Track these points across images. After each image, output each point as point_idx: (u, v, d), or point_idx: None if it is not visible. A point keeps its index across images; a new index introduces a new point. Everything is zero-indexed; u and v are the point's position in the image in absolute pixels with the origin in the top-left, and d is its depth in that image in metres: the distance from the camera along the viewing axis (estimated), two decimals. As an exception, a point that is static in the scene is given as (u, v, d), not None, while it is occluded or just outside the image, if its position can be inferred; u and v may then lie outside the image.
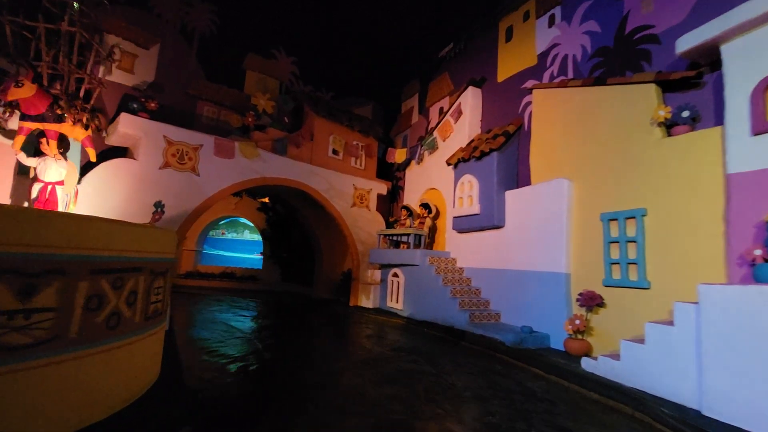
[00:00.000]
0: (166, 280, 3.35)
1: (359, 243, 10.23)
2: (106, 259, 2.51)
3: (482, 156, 7.68)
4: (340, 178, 10.10)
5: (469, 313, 6.86)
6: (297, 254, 13.49)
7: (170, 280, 3.60)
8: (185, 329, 6.15)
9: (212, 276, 14.02)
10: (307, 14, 10.94)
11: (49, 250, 2.18)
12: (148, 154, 6.94)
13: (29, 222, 2.12)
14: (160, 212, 6.81)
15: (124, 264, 2.65)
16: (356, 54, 11.99)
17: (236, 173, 8.07)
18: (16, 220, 2.06)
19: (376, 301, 9.80)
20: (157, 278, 3.10)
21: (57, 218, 2.28)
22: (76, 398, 2.34)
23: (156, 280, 3.09)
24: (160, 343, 3.45)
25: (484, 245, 7.78)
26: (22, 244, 2.06)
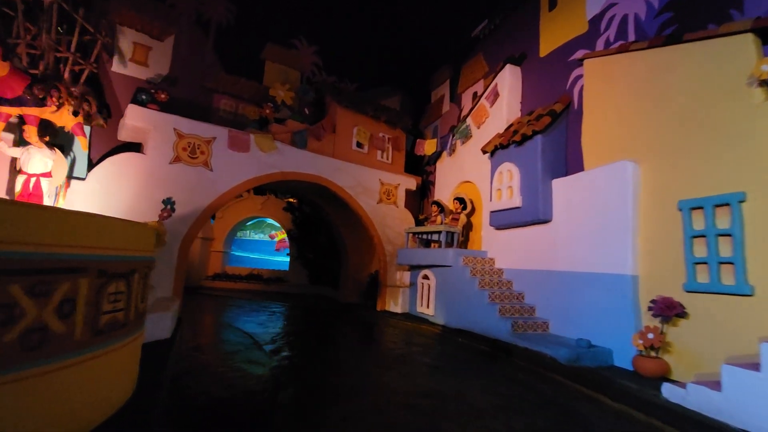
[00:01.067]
0: (132, 284, 2.70)
1: (386, 242, 9.45)
2: (16, 256, 1.86)
3: (524, 140, 6.67)
4: (365, 173, 9.37)
5: (511, 322, 5.89)
6: (324, 255, 12.91)
7: (143, 284, 2.97)
8: (194, 337, 5.60)
9: (239, 278, 13.74)
10: (329, 0, 10.33)
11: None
12: (157, 148, 6.52)
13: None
14: (170, 209, 6.35)
15: (49, 263, 2.00)
16: (382, 41, 11.25)
17: (252, 168, 7.53)
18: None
19: (405, 305, 8.97)
20: (111, 282, 2.45)
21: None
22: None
23: (110, 285, 2.44)
24: (128, 360, 2.81)
25: (527, 243, 6.77)
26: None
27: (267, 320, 7.56)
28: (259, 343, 5.43)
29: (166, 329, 4.90)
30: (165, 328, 4.88)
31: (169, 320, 4.93)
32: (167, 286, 6.40)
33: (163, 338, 4.84)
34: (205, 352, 4.91)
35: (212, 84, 8.48)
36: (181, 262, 6.58)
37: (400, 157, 10.43)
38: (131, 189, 6.19)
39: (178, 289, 6.54)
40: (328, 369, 4.45)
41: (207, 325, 6.73)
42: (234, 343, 5.45)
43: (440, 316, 7.69)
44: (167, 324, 4.91)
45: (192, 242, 6.75)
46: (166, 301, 5.85)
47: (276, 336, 6.04)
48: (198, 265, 13.61)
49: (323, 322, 7.89)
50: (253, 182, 7.52)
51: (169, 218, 6.34)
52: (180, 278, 6.57)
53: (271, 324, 7.09)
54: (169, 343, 4.65)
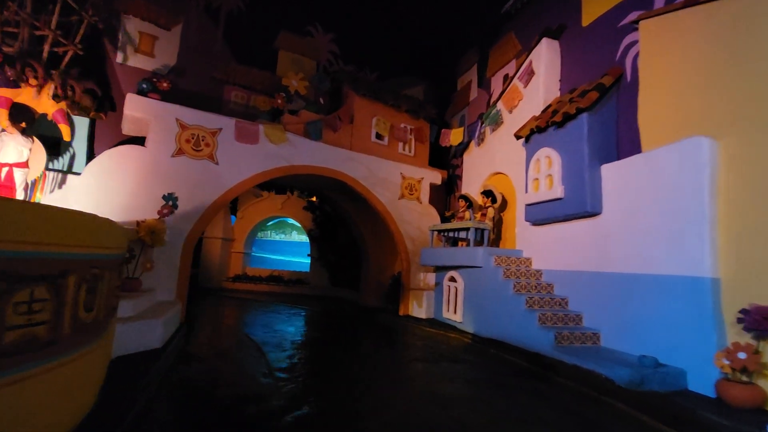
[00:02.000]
0: (64, 290, 2.09)
1: (409, 241, 8.69)
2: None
3: (566, 121, 5.75)
4: (385, 166, 8.65)
5: (554, 333, 4.99)
6: (344, 256, 12.29)
7: (95, 288, 2.37)
8: (193, 346, 5.05)
9: (260, 279, 13.36)
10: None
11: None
12: (158, 140, 6.06)
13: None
14: (170, 206, 5.86)
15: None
16: (403, 27, 10.51)
17: (261, 161, 6.97)
18: None
19: (429, 310, 8.17)
20: (25, 287, 1.84)
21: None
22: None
23: (22, 291, 1.83)
24: (64, 386, 2.21)
25: (571, 240, 5.83)
26: None
27: (281, 326, 6.98)
28: (266, 355, 4.81)
29: (157, 338, 4.36)
30: (155, 337, 4.34)
31: (159, 328, 4.39)
32: (169, 288, 5.91)
33: (153, 348, 4.31)
34: (198, 365, 4.32)
35: (222, 75, 8.02)
36: (185, 263, 6.09)
37: (424, 150, 9.64)
38: (130, 184, 5.75)
39: (181, 292, 6.05)
40: (343, 390, 3.75)
41: (214, 331, 6.20)
42: (236, 356, 4.85)
43: (469, 323, 6.84)
44: (157, 332, 4.36)
45: (196, 241, 6.26)
46: (163, 305, 5.35)
47: (287, 345, 5.41)
48: (218, 266, 13.34)
49: (341, 329, 7.24)
50: (262, 176, 6.96)
51: (170, 215, 5.85)
52: (183, 280, 6.08)
53: (284, 331, 6.50)
54: (157, 355, 4.09)
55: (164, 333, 4.53)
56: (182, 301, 6.07)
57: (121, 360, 3.88)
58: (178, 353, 4.52)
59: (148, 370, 3.60)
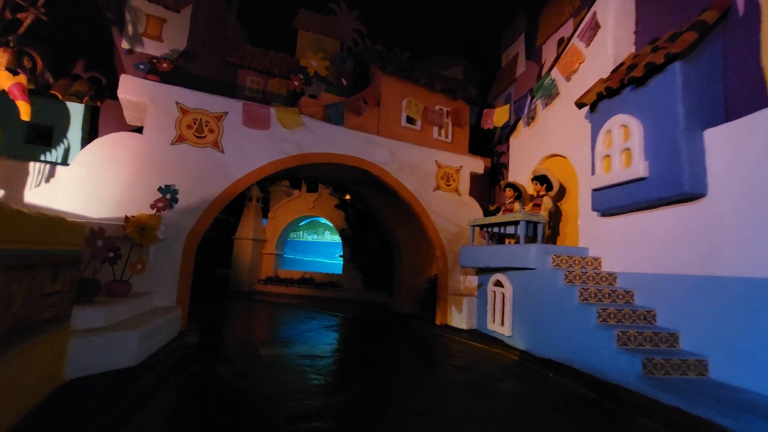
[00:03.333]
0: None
1: (446, 239, 7.52)
2: None
3: (649, 75, 4.36)
4: (416, 153, 7.56)
5: (641, 359, 3.66)
6: (377, 257, 11.30)
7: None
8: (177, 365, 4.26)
9: (291, 282, 12.73)
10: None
11: None
12: (156, 126, 5.41)
13: None
14: (167, 199, 5.17)
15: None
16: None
17: (273, 148, 6.15)
18: None
19: (471, 319, 6.95)
20: None
21: None
22: None
23: None
24: None
25: (658, 232, 4.41)
26: None
27: (303, 336, 6.15)
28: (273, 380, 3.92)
29: (129, 355, 3.59)
30: (126, 354, 3.57)
31: (132, 342, 3.62)
32: (169, 292, 5.23)
33: (125, 367, 3.54)
34: (173, 397, 3.48)
35: (236, 59, 7.35)
36: (187, 264, 5.39)
37: (463, 135, 8.43)
38: (124, 175, 5.14)
39: (183, 297, 5.34)
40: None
41: (220, 345, 5.44)
42: (232, 384, 3.99)
43: (520, 337, 5.57)
44: (129, 348, 3.59)
45: (199, 239, 5.54)
46: (154, 312, 4.63)
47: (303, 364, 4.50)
48: (249, 268, 12.89)
49: (370, 340, 6.28)
50: (274, 166, 6.14)
51: (166, 209, 5.17)
52: (185, 283, 5.37)
53: (305, 342, 5.65)
54: (122, 378, 3.30)
55: (141, 348, 3.76)
56: (184, 307, 5.36)
57: (75, 384, 3.13)
58: (158, 376, 3.72)
59: (84, 401, 2.79)
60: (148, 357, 3.91)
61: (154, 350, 4.15)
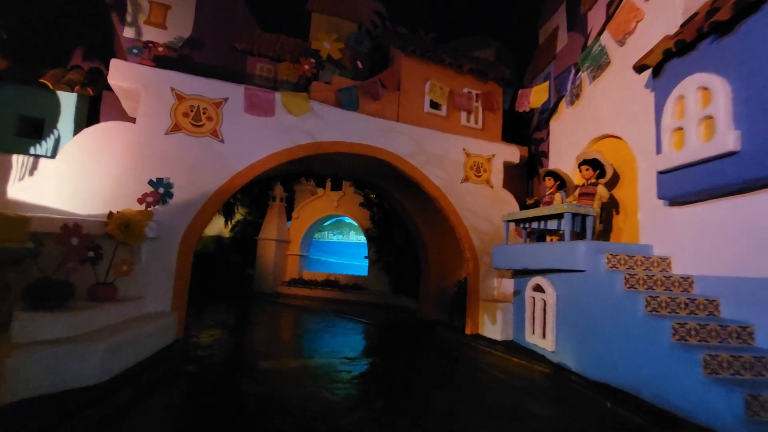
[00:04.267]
0: None
1: (476, 237, 6.63)
2: None
3: (738, 18, 3.33)
4: (442, 141, 6.74)
5: (742, 394, 2.67)
6: (404, 258, 10.54)
7: None
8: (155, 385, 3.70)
9: (315, 284, 12.23)
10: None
11: None
12: (150, 115, 4.95)
13: None
14: (158, 193, 4.68)
15: None
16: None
17: (278, 137, 5.56)
18: None
19: (506, 329, 6.02)
20: None
21: None
22: None
23: None
24: None
25: (754, 224, 3.36)
26: None
27: (317, 347, 5.56)
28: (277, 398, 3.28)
29: (90, 372, 3.05)
30: (87, 371, 3.04)
31: (94, 357, 3.08)
32: (162, 296, 4.74)
33: (86, 386, 3.01)
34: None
35: (245, 45, 6.86)
36: (184, 264, 4.88)
37: (495, 120, 7.51)
38: (115, 168, 4.70)
39: (179, 301, 4.84)
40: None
41: (216, 353, 4.89)
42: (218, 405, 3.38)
43: (566, 354, 4.62)
44: (91, 363, 3.06)
45: (197, 237, 5.03)
46: (139, 320, 4.12)
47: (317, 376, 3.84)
48: (273, 270, 12.52)
49: (393, 351, 5.64)
50: (280, 157, 5.54)
51: (158, 204, 4.68)
52: (182, 286, 4.87)
53: (321, 354, 5.05)
54: (76, 400, 2.76)
55: (109, 363, 3.22)
56: (180, 312, 4.85)
57: (15, 408, 2.61)
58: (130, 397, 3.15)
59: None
60: (119, 373, 3.37)
61: (131, 363, 3.62)
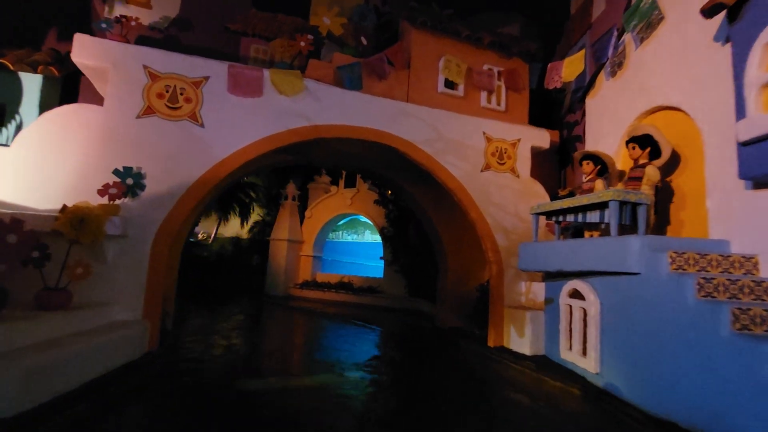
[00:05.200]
0: None
1: (500, 234, 5.73)
2: None
3: None
4: (458, 124, 5.88)
5: None
6: (420, 259, 9.69)
7: None
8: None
9: (328, 286, 11.56)
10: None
11: None
12: (119, 96, 4.37)
13: None
14: (124, 184, 4.08)
15: None
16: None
17: (267, 121, 4.87)
18: None
19: (537, 341, 5.09)
20: None
21: None
22: None
23: None
24: None
25: None
26: None
27: (320, 360, 4.86)
28: None
29: (6, 401, 2.41)
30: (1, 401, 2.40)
31: (12, 381, 2.45)
32: (132, 302, 4.12)
33: None
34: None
35: (238, 25, 6.25)
36: (157, 266, 4.26)
37: (520, 101, 6.57)
38: (78, 157, 4.14)
39: (152, 308, 4.21)
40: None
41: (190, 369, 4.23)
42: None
43: (614, 377, 3.67)
44: (6, 390, 2.42)
45: (173, 236, 4.42)
46: (95, 332, 3.50)
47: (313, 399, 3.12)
48: (285, 272, 11.94)
49: (407, 366, 4.89)
50: (271, 143, 4.85)
51: (125, 197, 4.07)
52: (155, 291, 4.25)
53: (319, 368, 4.31)
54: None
55: (34, 388, 2.59)
56: (153, 320, 4.23)
57: None
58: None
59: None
60: (49, 400, 2.73)
61: (73, 386, 2.99)
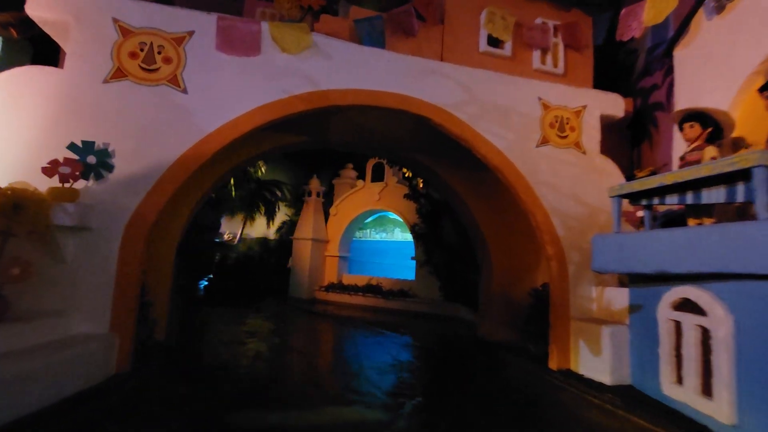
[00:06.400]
0: None
1: (561, 224, 4.48)
2: None
3: None
4: (507, 89, 4.70)
5: None
6: (457, 258, 8.50)
7: None
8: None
9: (355, 289, 10.58)
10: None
11: None
12: (82, 56, 3.56)
13: None
14: (81, 163, 3.23)
15: None
16: None
17: (266, 86, 3.92)
18: None
19: (620, 367, 3.82)
20: None
21: None
22: None
23: None
24: None
25: None
26: None
27: (332, 383, 3.81)
28: None
29: None
30: None
31: None
32: (97, 311, 3.28)
33: None
34: None
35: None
36: (128, 265, 3.39)
37: (583, 61, 5.29)
38: (28, 130, 3.35)
39: (122, 319, 3.35)
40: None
41: (160, 407, 3.33)
42: None
43: (762, 429, 2.39)
44: None
45: (149, 226, 3.53)
46: (31, 353, 2.63)
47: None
48: (309, 273, 11.08)
49: (441, 394, 3.72)
50: (269, 112, 3.89)
51: (80, 179, 3.22)
52: (126, 297, 3.38)
53: (330, 393, 3.27)
54: None
55: None
56: (125, 334, 3.36)
57: None
58: None
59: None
60: None
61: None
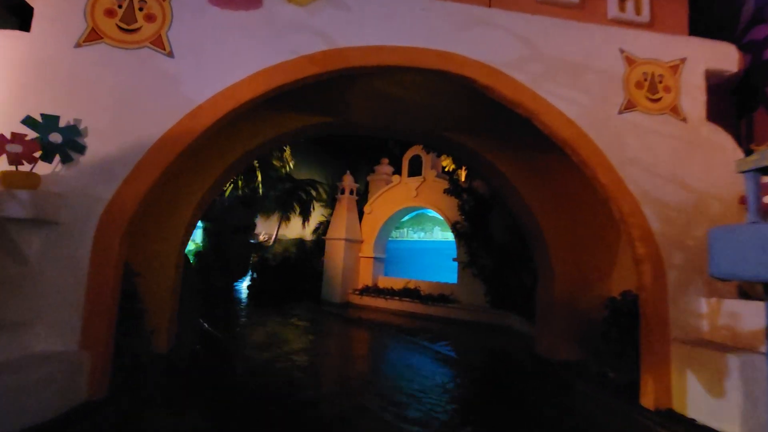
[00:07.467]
0: None
1: (656, 215, 3.36)
2: None
3: None
4: (578, 39, 3.66)
5: None
6: (507, 259, 7.42)
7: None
8: None
9: (391, 293, 9.77)
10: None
11: None
12: (50, 17, 2.99)
13: None
14: (42, 143, 2.63)
15: None
16: None
17: (268, 44, 3.18)
18: None
19: (755, 413, 2.66)
20: None
21: None
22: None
23: None
24: None
25: None
26: None
27: (354, 417, 3.02)
28: None
29: None
30: None
31: None
32: (63, 323, 2.67)
33: None
34: None
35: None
36: (103, 269, 2.77)
37: (674, 6, 4.10)
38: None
39: (95, 332, 2.72)
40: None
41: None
42: None
43: None
44: None
45: (128, 220, 2.88)
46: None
47: None
48: (343, 275, 10.40)
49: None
50: (272, 78, 3.14)
51: (32, 159, 2.62)
52: (101, 305, 2.75)
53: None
54: None
55: None
56: (98, 351, 2.73)
57: None
58: None
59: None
60: None
61: None
